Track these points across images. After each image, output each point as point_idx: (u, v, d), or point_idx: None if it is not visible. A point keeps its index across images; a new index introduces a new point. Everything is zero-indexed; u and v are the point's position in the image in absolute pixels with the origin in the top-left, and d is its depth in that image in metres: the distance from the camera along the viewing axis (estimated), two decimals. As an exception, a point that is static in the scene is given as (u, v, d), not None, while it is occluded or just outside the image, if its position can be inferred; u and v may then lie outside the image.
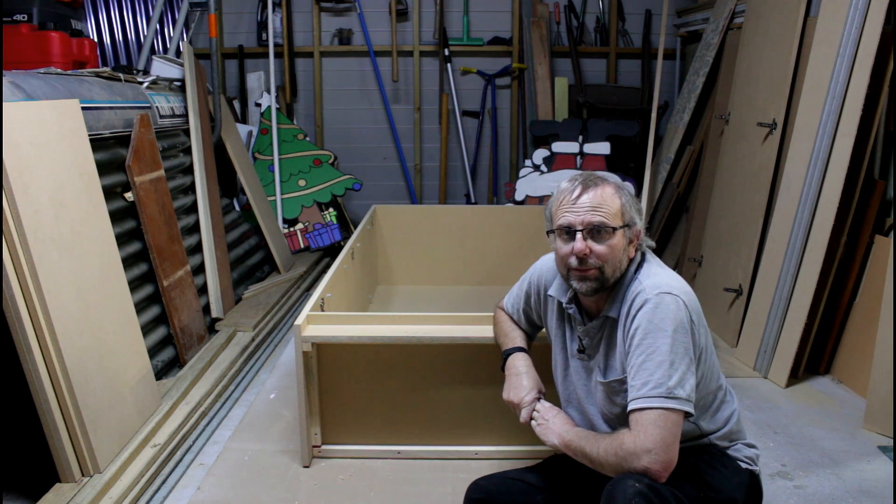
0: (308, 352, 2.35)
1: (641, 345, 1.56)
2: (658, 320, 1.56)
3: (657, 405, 1.51)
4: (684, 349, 1.55)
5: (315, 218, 5.18)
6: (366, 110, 5.66)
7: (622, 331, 1.64)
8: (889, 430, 2.65)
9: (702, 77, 4.44)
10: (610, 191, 1.65)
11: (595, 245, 1.63)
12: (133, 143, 3.00)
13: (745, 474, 1.70)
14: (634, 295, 1.63)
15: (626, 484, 1.47)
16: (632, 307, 1.61)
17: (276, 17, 5.32)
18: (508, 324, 2.07)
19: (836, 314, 3.14)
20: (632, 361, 1.58)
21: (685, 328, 1.56)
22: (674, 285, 1.61)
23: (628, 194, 1.68)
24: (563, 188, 1.69)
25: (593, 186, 1.65)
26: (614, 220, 1.63)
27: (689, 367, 1.55)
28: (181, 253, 3.29)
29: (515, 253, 4.43)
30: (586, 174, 1.70)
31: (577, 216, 1.64)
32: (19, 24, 3.41)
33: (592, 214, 1.63)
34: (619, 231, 1.64)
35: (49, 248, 2.18)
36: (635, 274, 1.68)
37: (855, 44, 2.92)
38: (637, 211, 1.68)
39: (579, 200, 1.64)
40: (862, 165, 3.00)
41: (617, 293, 1.68)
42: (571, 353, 1.79)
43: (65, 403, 2.14)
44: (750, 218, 3.51)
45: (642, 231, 1.70)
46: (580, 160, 4.96)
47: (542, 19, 5.37)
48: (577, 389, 1.79)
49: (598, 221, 1.63)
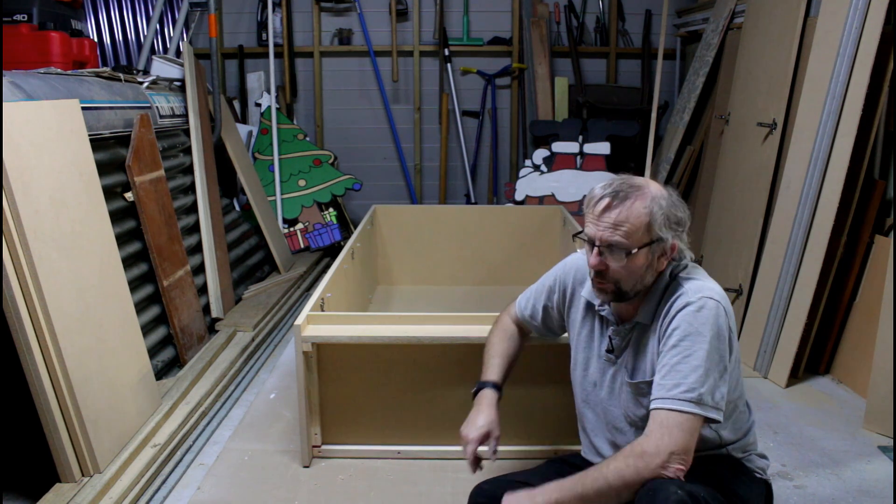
0: (308, 352, 2.35)
1: (679, 346, 1.54)
2: (699, 324, 1.53)
3: (686, 409, 1.49)
4: (720, 356, 1.53)
5: (315, 218, 5.18)
6: (366, 110, 5.66)
7: (658, 330, 1.61)
8: (889, 430, 2.65)
9: (702, 77, 4.44)
10: (640, 205, 1.56)
11: (611, 262, 1.58)
12: (133, 143, 3.00)
13: (762, 484, 1.70)
14: (675, 296, 1.59)
15: (669, 490, 1.45)
16: (672, 307, 1.58)
17: (276, 17, 5.32)
18: (498, 346, 1.99)
19: (836, 314, 3.14)
20: (664, 360, 1.55)
21: (724, 335, 1.54)
22: (716, 290, 1.59)
23: (666, 207, 1.58)
24: (594, 194, 1.61)
25: (622, 201, 1.56)
26: (634, 239, 1.56)
27: (723, 374, 1.53)
28: (181, 253, 3.29)
29: (515, 253, 4.43)
30: (622, 182, 1.59)
31: (597, 230, 1.59)
32: (19, 24, 3.41)
33: (612, 233, 1.56)
34: (640, 251, 1.57)
35: (49, 248, 2.18)
36: (675, 278, 1.63)
37: (855, 44, 2.92)
38: (674, 225, 1.59)
39: (603, 215, 1.57)
40: (862, 165, 3.00)
41: (650, 299, 1.64)
42: (599, 353, 1.76)
43: (65, 403, 2.14)
44: (750, 218, 3.50)
45: (680, 244, 1.62)
46: (580, 160, 4.96)
47: (542, 19, 5.37)
48: (600, 389, 1.77)
49: (614, 241, 1.56)
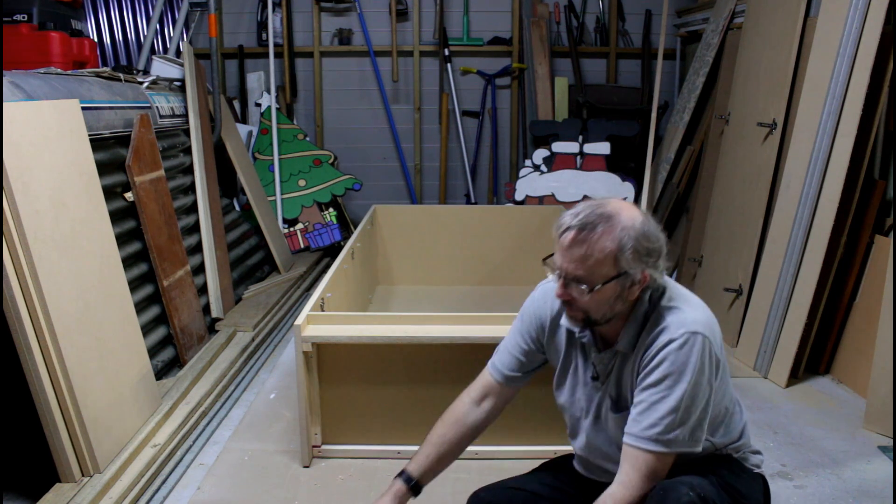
0: (308, 352, 2.35)
1: (659, 385, 1.49)
2: (681, 363, 1.48)
3: (660, 450, 1.48)
4: (702, 392, 1.50)
5: (315, 218, 5.17)
6: (366, 110, 5.66)
7: (638, 362, 1.56)
8: (889, 430, 2.65)
9: (702, 77, 4.44)
10: (607, 238, 1.46)
11: (577, 294, 1.51)
12: (133, 143, 3.00)
13: (759, 479, 1.70)
14: (657, 329, 1.52)
15: (680, 491, 1.44)
16: (654, 343, 1.52)
17: (276, 17, 5.32)
18: (435, 432, 1.82)
19: (836, 314, 3.14)
20: (643, 396, 1.51)
21: (706, 371, 1.50)
22: (699, 320, 1.51)
23: (636, 238, 1.47)
24: (562, 222, 1.51)
25: (589, 232, 1.47)
26: (601, 274, 1.48)
27: (704, 409, 1.51)
28: (181, 253, 3.29)
29: (515, 253, 4.43)
30: (592, 211, 1.49)
31: (563, 261, 1.51)
32: (19, 24, 3.41)
33: (576, 266, 1.48)
34: (607, 285, 1.48)
35: (49, 248, 2.18)
36: (655, 305, 1.56)
37: (855, 44, 2.92)
38: (644, 257, 1.49)
39: (569, 247, 1.48)
40: (862, 165, 3.00)
41: (630, 327, 1.57)
42: (585, 380, 1.70)
43: (65, 403, 2.14)
44: (750, 218, 3.50)
45: (653, 273, 1.52)
46: (580, 160, 4.96)
47: (542, 19, 5.37)
48: (586, 417, 1.72)
49: (579, 275, 1.49)
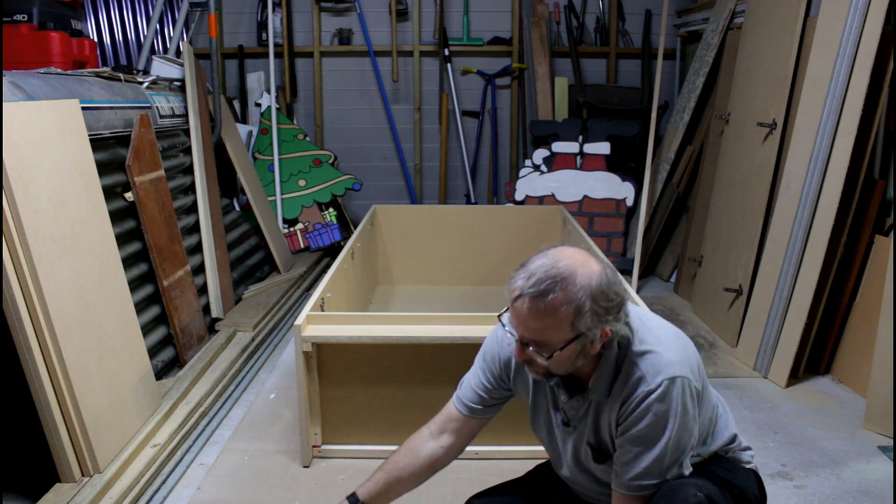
0: (308, 352, 2.35)
1: (643, 436, 1.47)
2: (662, 413, 1.45)
3: (651, 493, 1.49)
4: (688, 434, 1.49)
5: (315, 218, 5.17)
6: (366, 110, 5.66)
7: (612, 412, 1.53)
8: (889, 430, 2.65)
9: (702, 77, 4.44)
10: (562, 303, 1.38)
11: (535, 356, 1.46)
12: (133, 143, 3.00)
13: (752, 474, 1.71)
14: (633, 379, 1.47)
15: (688, 492, 1.45)
16: (632, 395, 1.47)
17: (276, 17, 5.32)
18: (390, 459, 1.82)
19: (836, 314, 3.14)
20: (628, 447, 1.49)
21: (689, 411, 1.47)
22: (674, 361, 1.46)
23: (593, 298, 1.39)
24: (515, 286, 1.41)
25: (542, 298, 1.38)
26: (558, 339, 1.42)
27: (690, 443, 1.50)
28: (181, 253, 3.29)
29: (515, 253, 4.42)
30: (546, 273, 1.39)
31: (519, 325, 1.44)
32: (19, 24, 3.41)
33: (532, 332, 1.43)
34: (566, 348, 1.42)
35: (49, 248, 2.18)
36: (626, 350, 1.50)
37: (855, 44, 2.92)
38: (603, 315, 1.41)
39: (524, 315, 1.41)
40: (862, 165, 3.00)
41: (602, 374, 1.51)
42: (556, 423, 1.67)
43: (65, 403, 2.14)
44: (750, 218, 3.50)
45: (615, 328, 1.45)
46: (580, 160, 4.96)
47: (542, 19, 5.36)
48: (565, 455, 1.69)
49: (536, 341, 1.43)
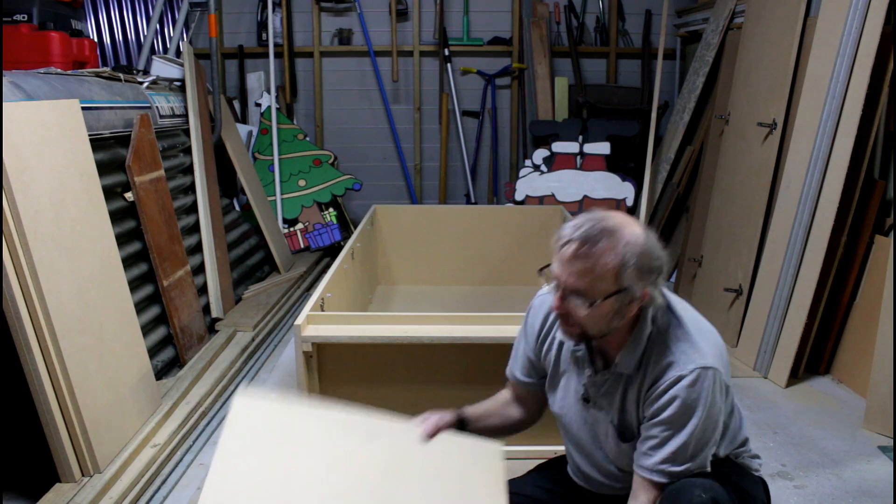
0: (308, 352, 2.35)
1: (671, 422, 1.48)
2: (692, 400, 1.46)
3: (673, 480, 1.49)
4: (713, 425, 1.50)
5: (315, 218, 5.17)
6: (366, 110, 5.66)
7: (641, 392, 1.54)
8: (889, 430, 2.65)
9: (702, 77, 4.44)
10: (609, 253, 1.41)
11: (574, 308, 1.46)
12: (133, 143, 3.00)
13: (760, 482, 1.71)
14: (665, 362, 1.49)
15: (693, 493, 1.45)
16: (663, 377, 1.49)
17: (276, 17, 5.32)
18: (486, 401, 1.85)
19: (836, 314, 3.14)
20: (654, 431, 1.50)
21: (717, 403, 1.49)
22: (707, 352, 1.48)
23: (639, 255, 1.42)
24: (563, 234, 1.45)
25: (590, 246, 1.41)
26: (601, 289, 1.43)
27: (714, 437, 1.51)
28: (181, 253, 3.29)
29: (515, 253, 4.43)
30: (594, 224, 1.43)
31: (562, 273, 1.45)
32: (19, 24, 3.40)
33: (576, 279, 1.43)
34: (606, 300, 1.44)
35: (49, 248, 2.18)
36: (662, 331, 1.52)
37: (855, 44, 2.92)
38: (646, 274, 1.44)
39: (570, 260, 1.43)
40: (862, 165, 3.00)
41: (632, 348, 1.52)
42: (576, 398, 1.66)
43: (65, 403, 2.14)
44: (750, 218, 3.50)
45: (653, 294, 1.49)
46: (580, 160, 4.96)
47: (542, 19, 5.36)
48: (581, 435, 1.69)
49: (579, 288, 1.44)
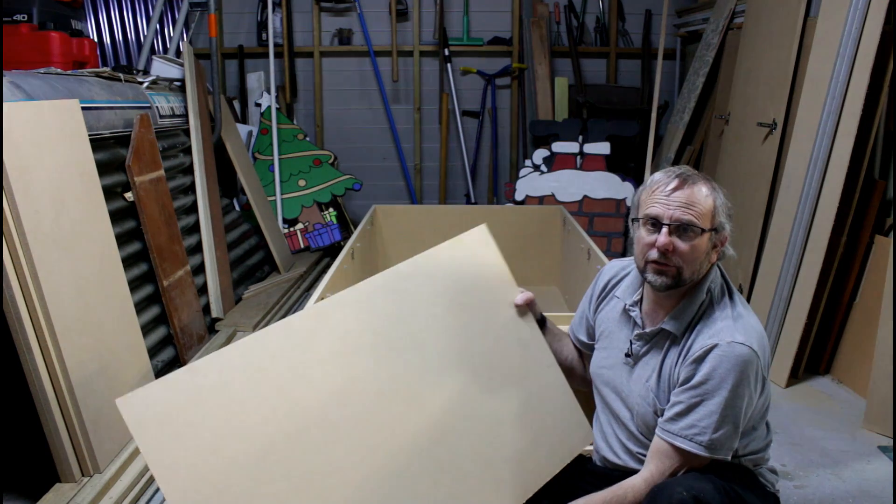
0: (308, 352, 2.34)
1: (700, 387, 1.53)
2: (724, 371, 1.51)
3: (695, 451, 1.53)
4: (739, 405, 1.52)
5: (315, 218, 5.17)
6: (366, 110, 5.66)
7: (684, 354, 1.59)
8: (889, 430, 2.65)
9: (702, 77, 4.44)
10: (705, 190, 1.59)
11: (679, 243, 1.57)
12: (133, 143, 3.00)
13: (772, 498, 1.70)
14: (711, 329, 1.57)
15: (672, 489, 1.47)
16: (704, 342, 1.55)
17: (276, 17, 5.32)
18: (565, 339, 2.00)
19: (836, 314, 3.14)
20: (682, 396, 1.55)
21: (749, 382, 1.52)
22: (753, 336, 1.54)
23: (722, 197, 1.61)
24: (657, 178, 1.62)
25: (690, 183, 1.58)
26: (704, 221, 1.57)
27: (740, 419, 1.54)
28: (181, 253, 3.29)
29: (515, 253, 4.39)
30: (684, 169, 1.62)
31: (667, 209, 1.57)
32: (19, 24, 3.40)
33: (683, 211, 1.56)
34: (706, 234, 1.57)
35: (49, 248, 2.18)
36: (714, 304, 1.61)
37: (855, 44, 2.92)
38: (728, 216, 1.61)
39: (673, 194, 1.57)
40: (862, 165, 3.00)
41: (684, 310, 1.62)
42: (619, 356, 1.74)
43: (65, 403, 2.14)
44: (750, 218, 3.51)
45: (728, 237, 1.63)
46: (580, 160, 4.96)
47: (542, 19, 5.37)
48: (617, 394, 1.74)
49: (686, 220, 1.56)
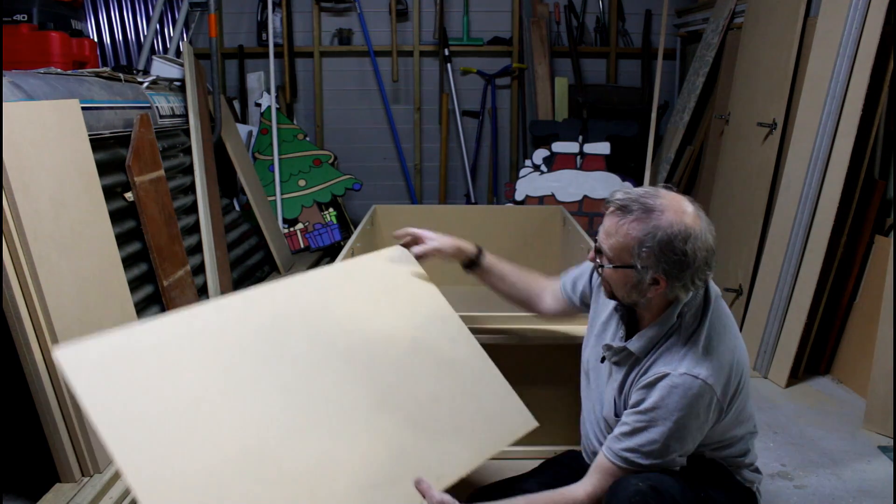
0: (308, 352, 2.34)
1: (647, 414, 1.52)
2: (672, 402, 1.49)
3: (631, 469, 1.54)
4: (685, 434, 1.52)
5: (315, 218, 5.17)
6: (366, 110, 5.66)
7: (635, 379, 1.59)
8: (889, 430, 2.65)
9: (702, 77, 4.44)
10: (635, 228, 1.49)
11: (600, 263, 1.60)
12: (133, 143, 3.00)
13: (746, 493, 1.69)
14: (668, 356, 1.55)
15: (630, 482, 1.49)
16: (653, 372, 1.55)
17: (276, 17, 5.32)
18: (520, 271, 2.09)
19: (836, 314, 3.14)
20: (631, 418, 1.55)
21: (697, 415, 1.51)
22: (708, 367, 1.50)
23: (661, 242, 1.46)
24: (613, 196, 1.55)
25: (622, 215, 1.52)
26: (617, 256, 1.54)
27: (685, 446, 1.54)
28: (181, 253, 3.28)
29: (515, 253, 4.39)
30: (639, 197, 1.51)
31: (600, 226, 1.60)
32: (19, 24, 3.40)
33: (603, 238, 1.57)
34: (618, 269, 1.55)
35: (49, 248, 2.18)
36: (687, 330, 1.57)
37: (855, 44, 2.92)
38: (664, 262, 1.48)
39: (605, 219, 1.57)
40: (862, 165, 3.00)
41: (650, 334, 1.60)
42: (596, 356, 1.75)
43: (65, 403, 2.14)
44: (750, 218, 3.50)
45: (675, 287, 1.52)
46: (580, 160, 4.96)
47: (542, 19, 5.36)
48: (592, 388, 1.76)
49: (602, 247, 1.58)
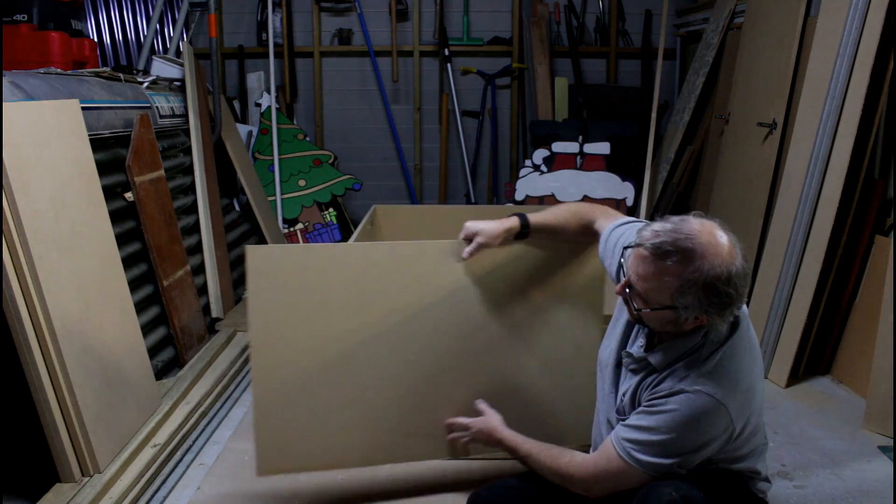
0: (308, 352, 2.34)
1: (653, 419, 1.53)
2: (681, 416, 1.50)
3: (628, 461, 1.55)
4: (693, 449, 1.52)
5: (315, 218, 5.17)
6: (366, 110, 5.66)
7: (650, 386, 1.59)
8: (889, 430, 2.65)
9: (702, 77, 4.44)
10: (674, 274, 1.43)
11: (631, 300, 1.54)
12: (133, 143, 3.00)
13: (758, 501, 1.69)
14: (682, 373, 1.54)
15: (663, 490, 1.48)
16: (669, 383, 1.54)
17: (276, 17, 5.31)
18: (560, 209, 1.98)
19: (836, 314, 3.14)
20: (636, 417, 1.56)
21: (704, 433, 1.51)
22: (725, 388, 1.49)
23: (706, 285, 1.42)
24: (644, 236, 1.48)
25: (660, 259, 1.45)
26: (655, 299, 1.49)
27: (687, 461, 1.54)
28: (181, 253, 3.29)
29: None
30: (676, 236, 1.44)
31: (630, 266, 1.52)
32: (19, 24, 3.40)
33: (637, 280, 1.50)
34: (656, 311, 1.50)
35: (49, 248, 2.18)
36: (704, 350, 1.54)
37: (855, 44, 2.92)
38: (707, 304, 1.45)
39: (638, 259, 1.50)
40: (862, 165, 2.99)
41: (672, 349, 1.58)
42: (616, 360, 1.73)
43: (65, 403, 2.14)
44: (750, 218, 3.50)
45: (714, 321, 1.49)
46: (580, 160, 4.96)
47: (542, 19, 5.36)
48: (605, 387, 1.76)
49: (638, 289, 1.51)
